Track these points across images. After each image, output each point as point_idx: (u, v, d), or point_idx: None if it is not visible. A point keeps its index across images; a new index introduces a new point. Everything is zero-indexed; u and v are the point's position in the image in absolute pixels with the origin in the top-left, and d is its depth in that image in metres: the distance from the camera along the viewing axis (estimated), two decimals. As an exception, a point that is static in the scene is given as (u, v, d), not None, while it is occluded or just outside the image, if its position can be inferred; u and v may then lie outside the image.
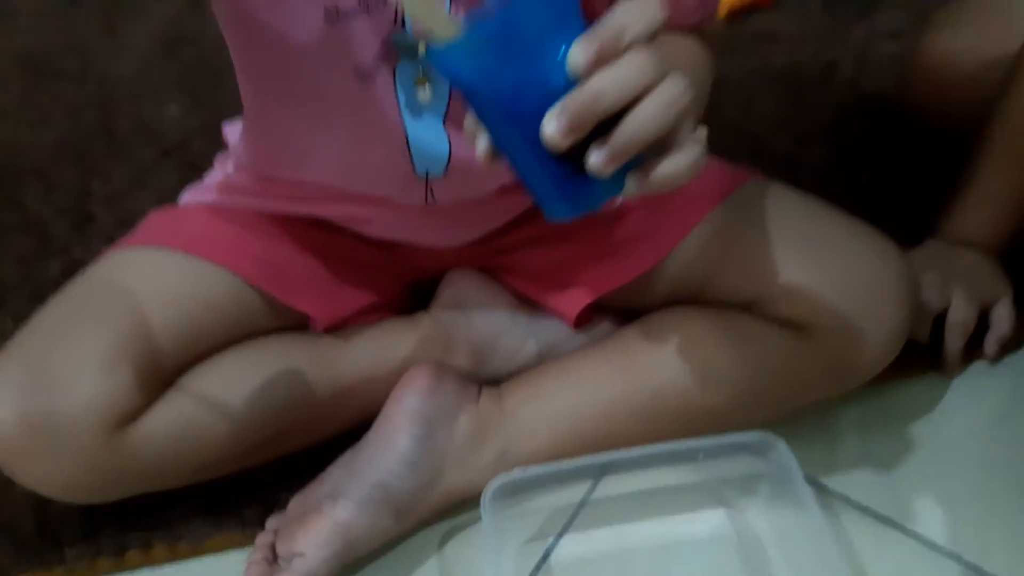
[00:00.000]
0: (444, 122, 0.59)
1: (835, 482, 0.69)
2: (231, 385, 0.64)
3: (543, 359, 0.72)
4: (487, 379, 0.71)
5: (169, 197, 0.75)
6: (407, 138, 0.59)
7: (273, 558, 0.60)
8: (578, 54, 0.37)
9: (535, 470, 0.64)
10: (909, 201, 0.85)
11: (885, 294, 0.63)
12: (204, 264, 0.65)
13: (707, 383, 0.65)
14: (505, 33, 0.37)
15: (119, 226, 0.87)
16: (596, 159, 0.38)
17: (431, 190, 0.63)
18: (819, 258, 0.63)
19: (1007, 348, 0.76)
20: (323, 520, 0.60)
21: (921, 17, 0.90)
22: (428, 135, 0.59)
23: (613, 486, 0.69)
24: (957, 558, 0.64)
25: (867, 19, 1.08)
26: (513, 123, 0.39)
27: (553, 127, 0.37)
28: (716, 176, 0.67)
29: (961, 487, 0.68)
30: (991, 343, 0.75)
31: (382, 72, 0.56)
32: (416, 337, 0.72)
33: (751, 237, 0.64)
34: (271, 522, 0.64)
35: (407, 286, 0.76)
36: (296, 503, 0.64)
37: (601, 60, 0.37)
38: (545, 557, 0.66)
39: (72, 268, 0.68)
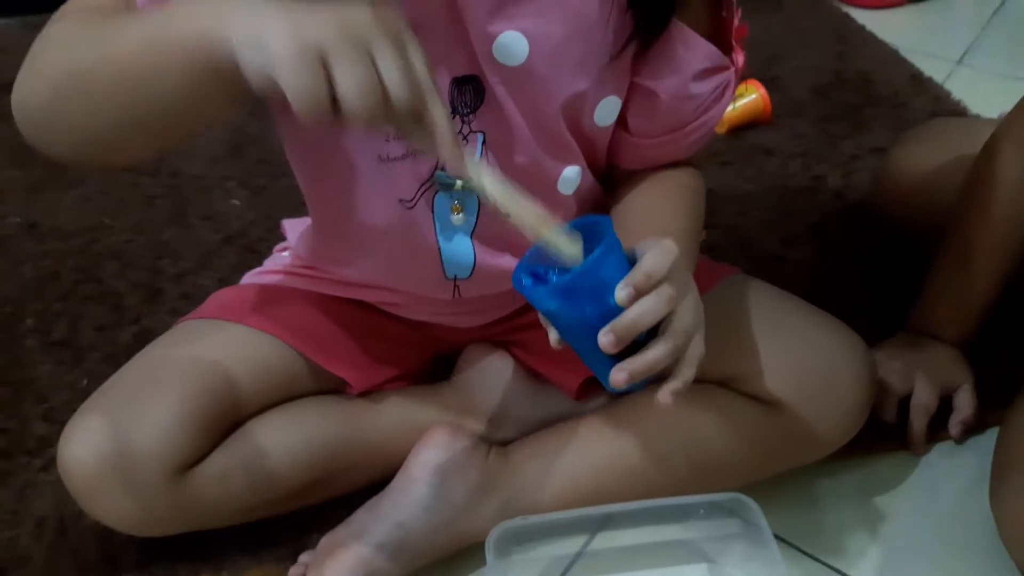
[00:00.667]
0: (471, 236, 0.71)
1: (808, 544, 0.76)
2: (278, 439, 0.74)
3: (546, 426, 0.81)
4: (497, 441, 0.80)
5: (229, 277, 0.87)
6: (440, 252, 0.71)
7: (305, 589, 0.70)
8: (622, 294, 0.52)
9: (536, 519, 0.73)
10: (883, 298, 0.94)
11: (844, 377, 0.73)
12: (260, 334, 0.76)
13: (689, 448, 0.74)
14: (578, 283, 0.53)
15: (185, 299, 1.00)
16: (617, 377, 0.54)
17: (458, 288, 0.75)
18: (786, 344, 0.73)
19: (971, 430, 0.84)
20: (349, 553, 0.69)
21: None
22: (458, 249, 0.71)
23: (608, 539, 0.77)
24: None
25: (855, 136, 1.20)
26: (580, 334, 0.55)
27: (607, 340, 0.53)
28: (701, 272, 0.77)
29: (920, 549, 0.75)
30: (955, 424, 0.83)
31: (421, 202, 0.68)
32: (437, 403, 0.82)
33: (727, 324, 0.74)
34: (303, 557, 0.73)
35: (431, 358, 0.86)
36: (326, 541, 0.73)
37: (639, 295, 0.52)
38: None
39: (143, 335, 0.80)
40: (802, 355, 0.72)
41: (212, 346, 0.76)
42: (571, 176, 0.70)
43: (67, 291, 1.05)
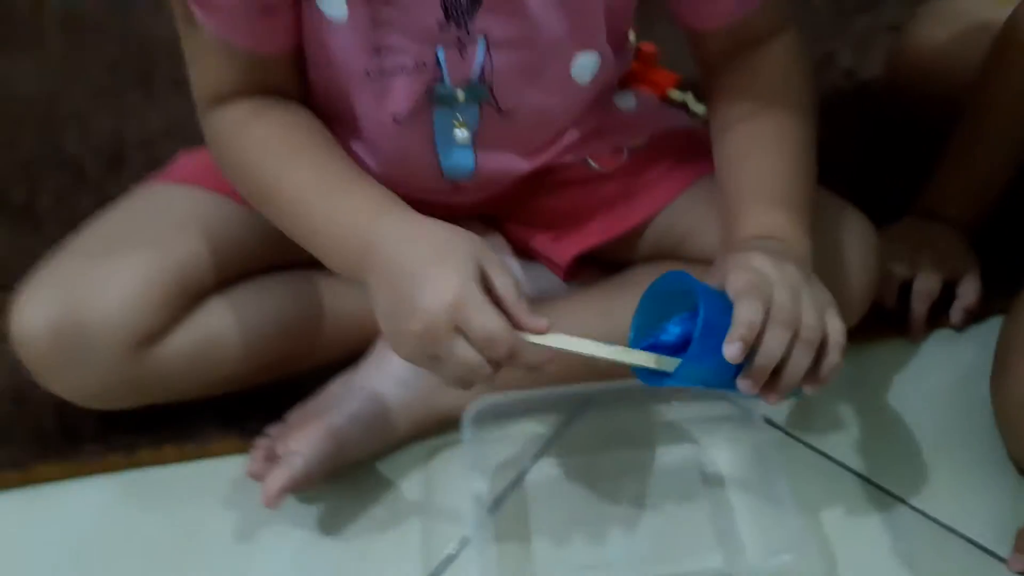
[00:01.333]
0: (472, 144, 0.68)
1: (797, 429, 0.74)
2: (247, 312, 0.70)
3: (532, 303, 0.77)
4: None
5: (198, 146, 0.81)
6: (439, 163, 0.69)
7: (272, 457, 0.66)
8: (733, 352, 0.52)
9: (515, 396, 0.70)
10: (893, 182, 0.89)
11: (851, 263, 0.69)
12: (228, 203, 0.71)
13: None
14: (695, 358, 0.53)
15: (150, 167, 0.94)
16: (769, 400, 0.55)
17: (457, 186, 0.71)
18: None
19: (973, 319, 0.80)
20: (318, 425, 0.66)
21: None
22: (458, 159, 0.69)
23: (589, 420, 0.74)
24: (903, 501, 0.69)
25: (870, 12, 1.13)
26: (717, 383, 0.55)
27: (746, 386, 0.54)
28: (707, 150, 0.72)
29: (915, 440, 0.73)
30: (957, 311, 0.79)
31: (418, 117, 0.65)
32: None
33: None
34: (273, 430, 0.70)
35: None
36: (296, 414, 0.69)
37: (748, 345, 0.52)
38: (520, 477, 0.71)
39: (105, 204, 0.74)
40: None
41: (177, 213, 0.71)
42: (587, 63, 0.66)
43: (25, 158, 0.99)
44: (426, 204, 0.70)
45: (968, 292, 0.79)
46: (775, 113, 0.65)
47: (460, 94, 0.64)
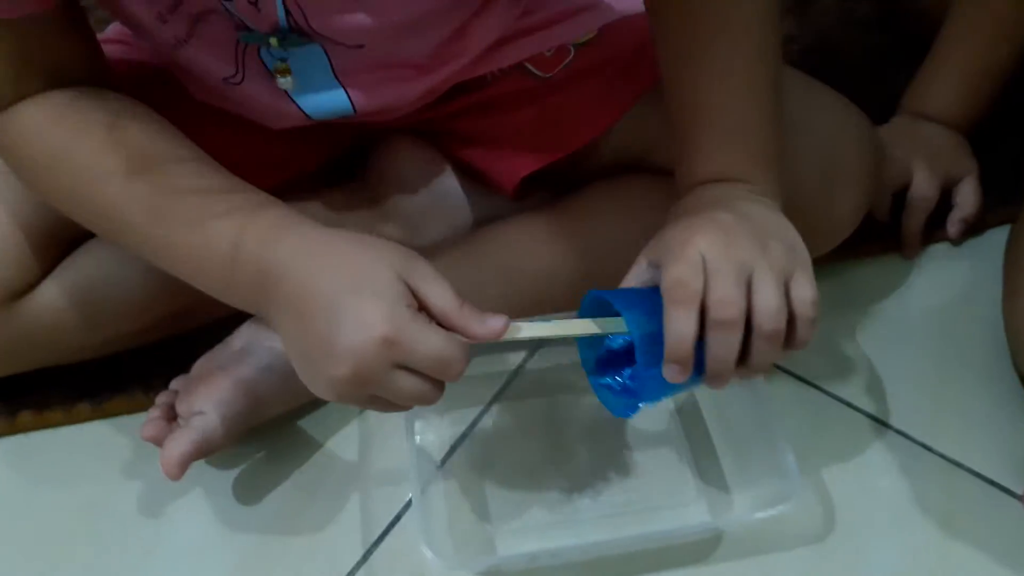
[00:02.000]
0: (341, 86, 0.56)
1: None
2: (127, 260, 0.59)
3: (479, 227, 0.67)
4: (419, 247, 0.66)
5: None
6: (305, 112, 0.57)
7: (173, 417, 0.56)
8: (672, 374, 0.46)
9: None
10: (886, 81, 0.80)
11: (847, 167, 0.60)
12: None
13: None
14: (643, 375, 0.49)
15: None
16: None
17: (345, 117, 0.59)
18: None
19: (970, 230, 0.72)
20: (226, 377, 0.56)
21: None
22: (323, 102, 0.57)
23: (550, 356, 0.65)
24: (903, 434, 0.61)
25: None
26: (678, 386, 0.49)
27: (713, 386, 0.48)
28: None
29: (911, 367, 0.65)
30: (954, 223, 0.71)
31: (250, 73, 0.55)
32: (341, 206, 0.66)
33: None
34: (175, 383, 0.59)
35: (330, 158, 0.70)
36: (202, 363, 0.59)
37: (686, 363, 0.46)
38: (472, 427, 0.62)
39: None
40: (802, 137, 0.57)
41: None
42: None
43: None
44: (332, 127, 0.60)
45: (967, 200, 0.71)
46: (725, 7, 0.51)
47: (273, 40, 0.52)
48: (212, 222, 0.47)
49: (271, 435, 0.60)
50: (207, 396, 0.55)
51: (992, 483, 0.59)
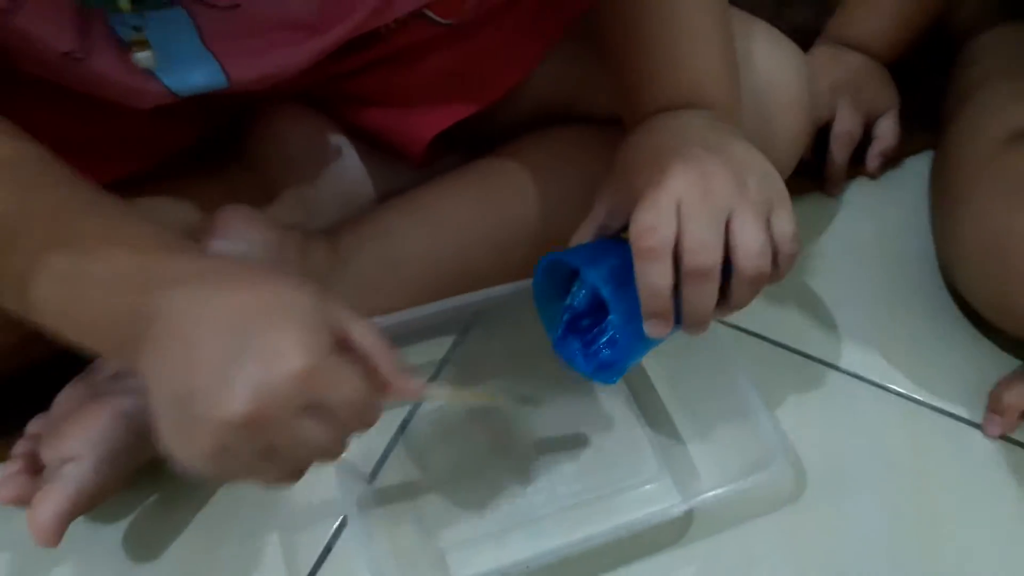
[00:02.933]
0: (207, 49, 0.45)
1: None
2: None
3: (381, 203, 0.58)
4: (313, 230, 0.57)
5: None
6: (170, 89, 0.46)
7: (37, 469, 0.45)
8: (652, 330, 0.42)
9: (388, 320, 0.51)
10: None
11: (782, 101, 0.56)
12: None
13: (581, 204, 0.54)
14: (621, 335, 0.45)
15: None
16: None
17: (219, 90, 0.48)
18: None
19: (889, 163, 0.70)
20: (101, 410, 0.45)
21: None
22: (191, 77, 0.46)
23: (481, 338, 0.58)
24: (857, 376, 0.58)
25: None
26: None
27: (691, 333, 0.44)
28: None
29: (853, 306, 0.62)
30: (873, 156, 0.69)
31: (97, 47, 0.43)
32: (222, 189, 0.56)
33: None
34: (32, 426, 0.48)
35: (199, 135, 0.59)
36: (65, 396, 0.48)
37: (664, 312, 0.42)
38: (402, 429, 0.54)
39: None
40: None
41: None
42: None
43: None
44: (207, 98, 0.50)
45: (887, 134, 0.69)
46: None
47: (123, 3, 0.41)
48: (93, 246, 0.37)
49: (161, 473, 0.50)
50: (79, 436, 0.44)
51: (952, 415, 0.57)
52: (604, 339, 0.47)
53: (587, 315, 0.48)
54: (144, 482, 0.49)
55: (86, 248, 0.37)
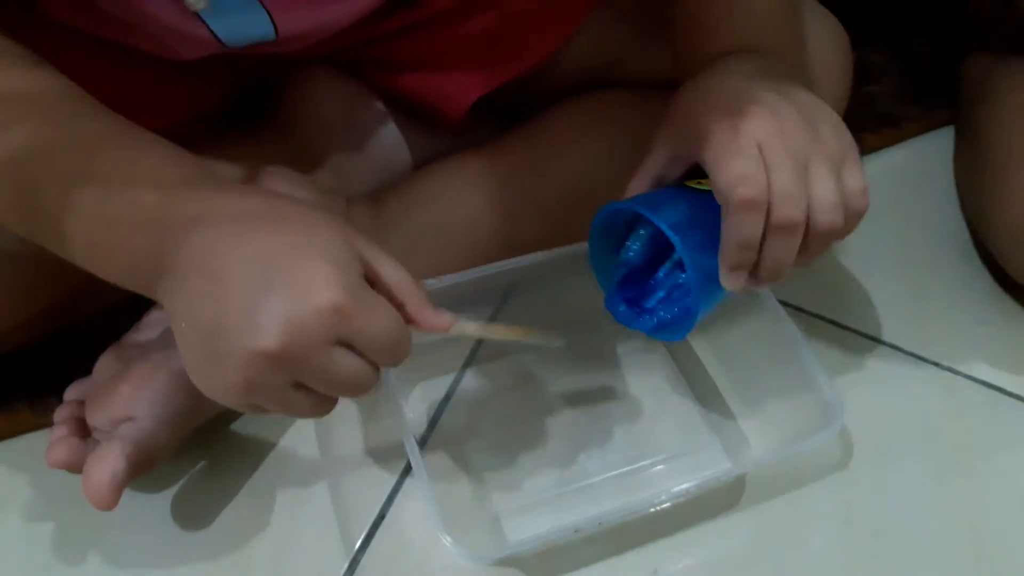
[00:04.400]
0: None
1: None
2: None
3: (418, 169, 0.57)
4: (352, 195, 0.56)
5: None
6: (218, 37, 0.45)
7: (84, 433, 0.43)
8: (730, 283, 0.41)
9: (433, 284, 0.50)
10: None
11: (829, 66, 0.55)
12: None
13: (632, 168, 0.53)
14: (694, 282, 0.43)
15: None
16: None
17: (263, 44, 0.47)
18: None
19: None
20: (157, 370, 0.44)
21: None
22: (241, 25, 0.45)
23: (524, 302, 0.57)
24: (897, 348, 0.58)
25: None
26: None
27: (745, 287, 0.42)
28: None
29: (886, 277, 0.62)
30: None
31: None
32: (256, 154, 0.55)
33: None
34: (71, 391, 0.46)
35: (230, 96, 0.58)
36: (106, 362, 0.46)
37: (744, 264, 0.41)
38: (449, 395, 0.53)
39: None
40: None
41: None
42: None
43: None
44: (238, 56, 0.48)
45: None
46: None
47: None
48: (125, 168, 0.36)
49: (208, 439, 0.49)
50: (134, 397, 0.43)
51: (993, 387, 0.57)
52: (662, 294, 0.46)
53: (642, 270, 0.47)
54: (192, 448, 0.48)
55: (111, 184, 0.36)
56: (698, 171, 0.43)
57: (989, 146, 0.62)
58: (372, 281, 0.36)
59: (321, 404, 0.36)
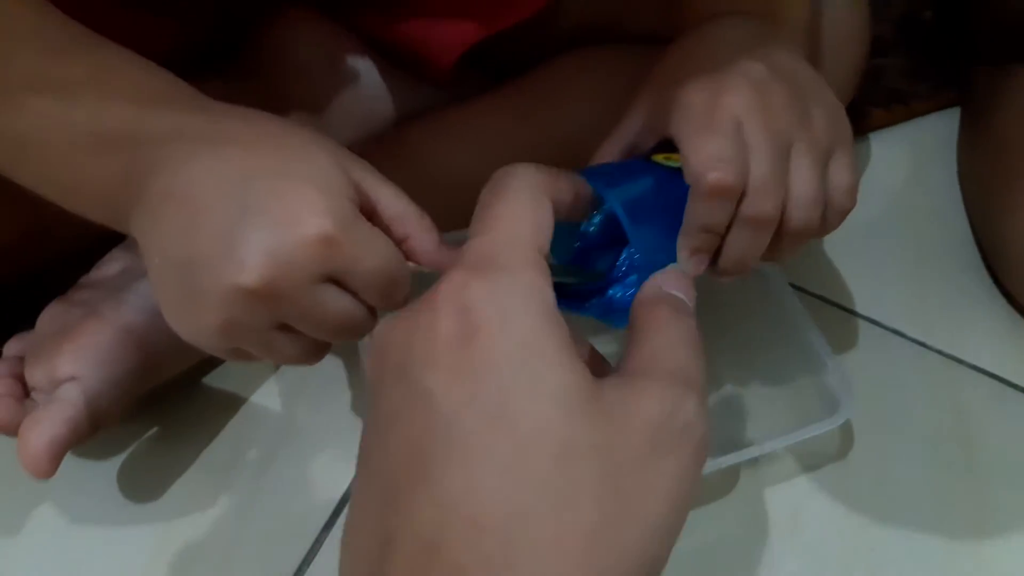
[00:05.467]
0: None
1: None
2: None
3: (400, 124, 0.53)
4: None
5: None
6: None
7: (23, 393, 0.39)
8: (687, 265, 0.36)
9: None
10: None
11: (845, 29, 0.52)
12: None
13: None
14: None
15: None
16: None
17: None
18: None
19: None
20: (105, 326, 0.40)
21: None
22: None
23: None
24: (899, 333, 0.56)
25: None
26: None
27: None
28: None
29: (886, 262, 0.60)
30: None
31: None
32: (230, 99, 0.50)
33: None
34: (11, 346, 0.42)
35: (201, 38, 0.53)
36: (51, 315, 0.42)
37: (706, 248, 0.36)
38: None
39: None
40: None
41: None
42: None
43: None
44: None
45: None
46: None
47: None
48: (98, 89, 0.32)
49: (162, 404, 0.45)
50: (78, 354, 0.39)
51: (994, 376, 0.54)
52: (617, 278, 0.42)
53: (600, 247, 0.42)
54: (142, 414, 0.44)
55: (77, 94, 0.32)
56: (667, 147, 0.38)
57: (1003, 148, 0.59)
58: (369, 212, 0.33)
59: (311, 349, 0.33)
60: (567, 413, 0.21)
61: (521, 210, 0.26)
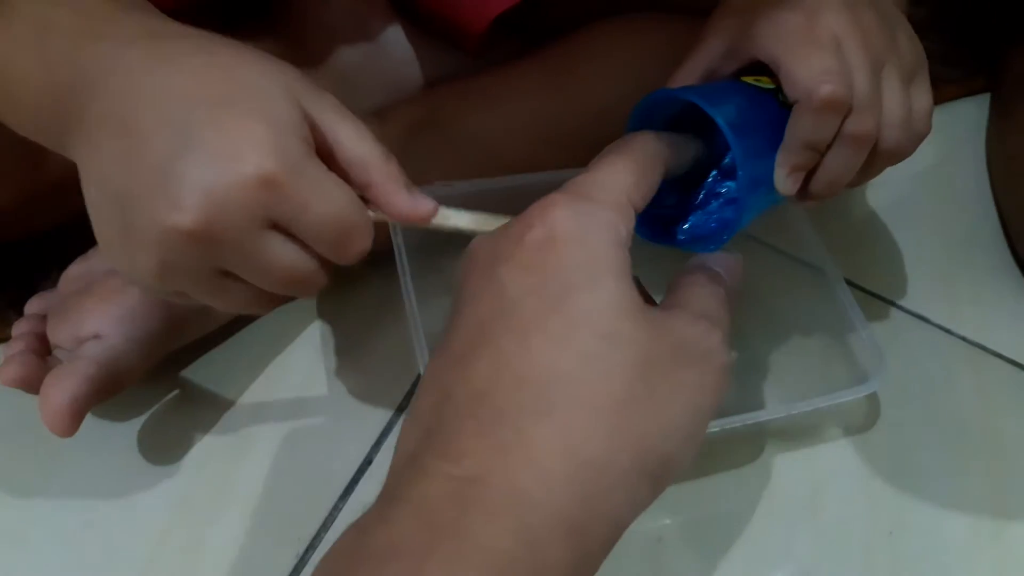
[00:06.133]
0: None
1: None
2: None
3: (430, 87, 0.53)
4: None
5: None
6: None
7: (44, 351, 0.39)
8: (784, 185, 0.36)
9: (444, 188, 0.45)
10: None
11: None
12: None
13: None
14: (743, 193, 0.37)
15: None
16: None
17: None
18: None
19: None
20: (126, 285, 0.39)
21: None
22: None
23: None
24: (923, 318, 0.55)
25: None
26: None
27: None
28: None
29: (913, 247, 0.59)
30: None
31: None
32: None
33: None
34: (33, 304, 0.41)
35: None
36: (74, 273, 0.42)
37: (804, 165, 0.36)
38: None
39: None
40: None
41: None
42: None
43: None
44: None
45: None
46: None
47: None
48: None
49: (183, 365, 0.44)
50: (103, 312, 0.38)
51: (1017, 364, 0.54)
52: (698, 201, 0.40)
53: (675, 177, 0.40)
54: (164, 375, 0.43)
55: (13, 4, 0.30)
56: (749, 71, 0.38)
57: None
58: (327, 153, 0.30)
59: (257, 298, 0.30)
60: (617, 310, 0.25)
61: (632, 165, 0.28)
